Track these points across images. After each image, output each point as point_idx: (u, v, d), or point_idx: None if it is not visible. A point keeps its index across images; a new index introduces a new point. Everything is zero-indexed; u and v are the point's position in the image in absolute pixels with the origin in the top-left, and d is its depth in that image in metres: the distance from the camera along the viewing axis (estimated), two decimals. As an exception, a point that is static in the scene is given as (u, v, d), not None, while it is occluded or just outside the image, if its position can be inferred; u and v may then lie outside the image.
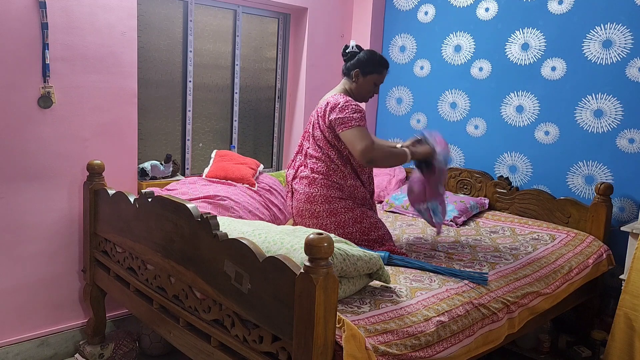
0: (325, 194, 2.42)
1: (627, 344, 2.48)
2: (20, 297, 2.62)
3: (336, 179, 2.44)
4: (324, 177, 2.44)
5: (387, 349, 1.64)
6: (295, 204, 2.52)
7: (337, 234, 2.42)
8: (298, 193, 2.49)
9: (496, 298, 2.09)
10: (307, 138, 2.54)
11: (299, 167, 2.54)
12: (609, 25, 2.92)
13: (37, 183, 2.59)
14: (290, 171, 2.59)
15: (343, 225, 2.43)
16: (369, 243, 2.46)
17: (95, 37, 2.66)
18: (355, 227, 2.43)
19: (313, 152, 2.48)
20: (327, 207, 2.42)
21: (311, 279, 1.43)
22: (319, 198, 2.43)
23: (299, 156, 2.57)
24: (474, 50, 3.45)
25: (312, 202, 2.44)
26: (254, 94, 3.73)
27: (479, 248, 2.67)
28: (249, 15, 3.58)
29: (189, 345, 1.98)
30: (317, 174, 2.44)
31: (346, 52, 2.52)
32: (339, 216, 2.43)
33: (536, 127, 3.22)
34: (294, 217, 2.58)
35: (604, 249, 2.80)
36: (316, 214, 2.43)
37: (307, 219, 2.47)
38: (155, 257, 2.13)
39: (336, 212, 2.42)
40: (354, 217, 2.44)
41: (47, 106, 2.55)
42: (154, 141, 3.24)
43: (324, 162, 2.44)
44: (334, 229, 2.42)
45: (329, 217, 2.42)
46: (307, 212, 2.46)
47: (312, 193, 2.44)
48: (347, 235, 2.43)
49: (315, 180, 2.44)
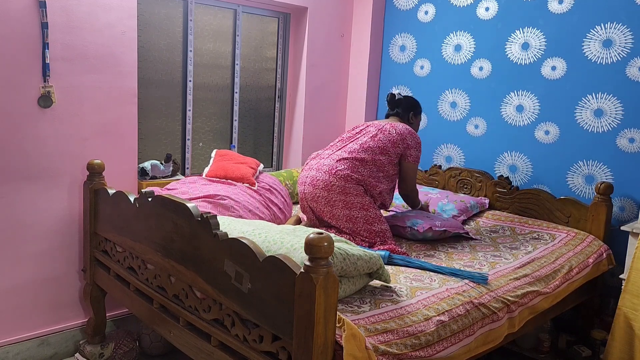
0: (359, 201, 2.59)
1: (627, 343, 2.48)
2: (20, 297, 2.62)
3: (371, 192, 2.65)
4: (358, 184, 2.61)
5: (387, 349, 1.64)
6: (315, 175, 2.64)
7: (343, 214, 2.54)
8: (320, 180, 2.62)
9: (496, 297, 2.09)
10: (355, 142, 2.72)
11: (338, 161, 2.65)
12: (609, 25, 2.91)
13: (37, 183, 2.59)
14: (324, 161, 2.69)
15: (350, 206, 2.56)
16: (370, 235, 2.54)
17: (95, 36, 2.66)
18: (361, 213, 2.57)
19: (364, 155, 2.64)
20: (341, 183, 2.57)
21: (311, 278, 1.43)
22: (352, 190, 2.59)
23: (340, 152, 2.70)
24: (474, 50, 3.45)
25: (331, 175, 2.60)
26: (254, 93, 3.73)
27: (479, 247, 2.67)
28: (249, 14, 3.58)
29: (189, 344, 1.99)
30: (352, 176, 2.59)
31: (395, 100, 2.92)
32: (349, 197, 2.57)
33: (536, 126, 3.22)
34: (305, 189, 2.67)
35: (604, 248, 2.80)
36: (329, 187, 2.58)
37: (319, 189, 2.61)
38: (156, 257, 2.13)
39: (347, 192, 2.57)
40: (362, 203, 2.58)
41: (47, 106, 2.55)
42: (154, 141, 3.24)
43: (368, 171, 2.63)
44: (341, 207, 2.57)
45: (339, 194, 2.57)
46: (321, 183, 2.60)
47: (343, 186, 2.59)
48: (352, 219, 2.55)
49: (349, 179, 2.59)
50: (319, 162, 2.71)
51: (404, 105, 2.91)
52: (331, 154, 2.71)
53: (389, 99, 2.94)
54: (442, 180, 3.56)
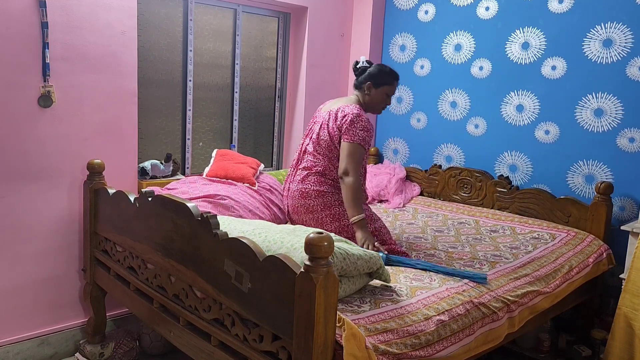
0: (318, 190, 2.48)
1: (627, 343, 2.48)
2: (20, 297, 2.62)
3: (331, 176, 2.50)
4: (318, 174, 2.50)
5: (387, 348, 1.64)
6: (290, 202, 2.57)
7: (334, 227, 2.47)
8: (291, 191, 2.55)
9: (496, 297, 2.09)
10: (310, 137, 2.59)
11: (297, 166, 2.59)
12: (609, 25, 2.91)
13: (37, 182, 2.59)
14: (290, 170, 2.64)
15: (339, 218, 2.47)
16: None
17: (95, 36, 2.66)
18: (335, 223, 2.48)
19: (312, 150, 2.53)
20: (320, 200, 2.48)
21: (311, 278, 1.43)
22: (312, 193, 2.49)
23: (301, 156, 2.61)
24: (474, 50, 3.45)
25: (305, 197, 2.49)
26: (254, 93, 3.73)
27: (479, 247, 2.67)
28: (249, 14, 3.58)
29: (189, 344, 1.99)
30: (311, 171, 2.50)
31: (357, 68, 2.60)
32: (334, 209, 2.48)
33: (536, 126, 3.22)
34: (291, 215, 2.62)
35: (604, 248, 2.80)
36: (311, 209, 2.49)
37: (303, 214, 2.51)
38: (156, 257, 2.13)
39: (330, 205, 2.48)
40: (334, 215, 2.48)
41: (47, 105, 2.55)
42: (154, 140, 3.24)
43: (322, 161, 2.51)
44: (330, 222, 2.47)
45: (323, 210, 2.48)
46: (302, 208, 2.51)
47: (305, 189, 2.50)
48: (344, 228, 2.47)
49: (308, 177, 2.50)
50: (289, 187, 2.57)
51: (364, 75, 2.56)
52: (294, 175, 2.56)
53: (352, 67, 2.64)
54: (442, 180, 3.56)
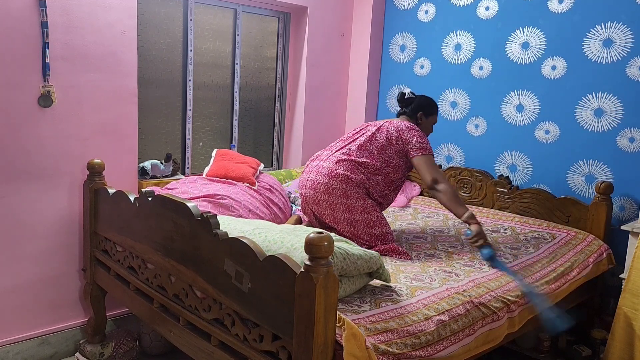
0: (347, 175, 2.54)
1: (627, 343, 2.48)
2: (20, 296, 2.62)
3: (367, 171, 2.58)
4: (356, 164, 2.57)
5: (388, 348, 1.64)
6: (313, 177, 2.61)
7: (344, 217, 2.51)
8: (320, 167, 2.60)
9: (496, 297, 2.09)
10: (362, 134, 2.68)
11: (336, 150, 2.65)
12: (609, 24, 2.91)
13: (37, 182, 2.59)
14: (321, 153, 2.71)
15: (352, 210, 2.52)
16: (371, 238, 2.51)
17: (95, 36, 2.66)
18: (363, 216, 2.52)
19: (361, 143, 2.62)
20: (344, 186, 2.53)
21: (311, 278, 1.43)
22: (340, 176, 2.54)
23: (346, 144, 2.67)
24: (474, 49, 3.45)
25: (332, 178, 2.55)
26: (254, 93, 3.73)
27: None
28: (249, 14, 3.58)
29: (189, 344, 1.99)
30: (350, 159, 2.57)
31: (405, 99, 2.81)
32: (351, 199, 2.53)
33: (536, 126, 3.22)
34: (306, 196, 2.63)
35: (604, 248, 2.79)
36: (330, 191, 2.54)
37: (320, 193, 2.56)
38: (156, 256, 2.13)
39: (350, 195, 2.53)
40: (364, 206, 2.53)
41: (47, 105, 2.55)
42: (154, 140, 3.24)
43: (365, 155, 2.59)
44: (342, 211, 2.52)
45: (341, 197, 2.53)
46: (322, 187, 2.56)
47: (335, 170, 2.55)
48: (353, 223, 2.51)
49: (345, 162, 2.57)
50: (318, 164, 2.64)
51: (413, 105, 2.78)
52: (330, 155, 2.64)
53: (399, 98, 2.83)
54: (442, 180, 3.55)
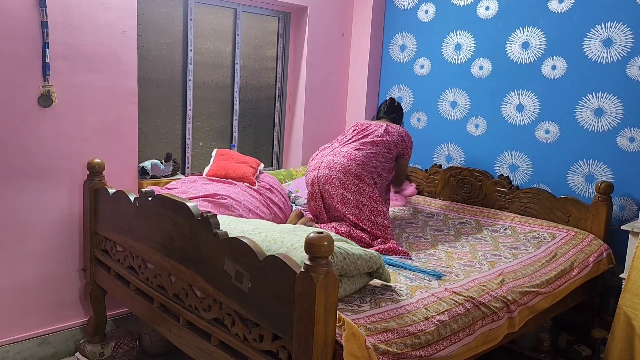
0: (366, 162, 2.72)
1: (628, 342, 2.48)
2: (20, 296, 2.62)
3: (377, 162, 2.77)
4: (373, 154, 2.76)
5: (387, 348, 1.64)
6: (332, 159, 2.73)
7: (354, 198, 2.64)
8: (342, 151, 2.75)
9: (496, 297, 2.09)
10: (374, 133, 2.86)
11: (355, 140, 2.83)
12: (609, 24, 2.91)
13: (38, 182, 2.59)
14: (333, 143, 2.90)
15: (362, 193, 2.66)
16: (372, 226, 2.61)
17: (95, 36, 2.66)
18: (370, 202, 2.65)
19: (376, 139, 2.81)
20: (360, 170, 2.68)
21: (311, 277, 1.43)
22: (361, 160, 2.71)
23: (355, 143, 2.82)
24: (474, 49, 3.45)
25: (353, 160, 2.70)
26: (254, 92, 3.73)
27: (479, 247, 2.67)
28: (249, 14, 3.58)
29: (189, 344, 1.99)
30: (370, 147, 2.78)
31: (394, 105, 3.13)
32: (362, 184, 2.67)
33: (536, 125, 3.22)
34: (319, 175, 2.73)
35: (604, 247, 2.79)
36: (346, 170, 2.67)
37: (336, 171, 2.68)
38: (156, 256, 2.13)
39: (362, 179, 2.67)
40: (373, 194, 2.68)
41: (47, 105, 2.55)
42: (154, 140, 3.24)
43: (380, 148, 2.79)
44: (354, 192, 2.65)
45: (355, 178, 2.66)
46: (338, 166, 2.69)
47: (357, 155, 2.72)
48: (360, 206, 2.63)
49: (364, 149, 2.76)
50: (334, 149, 2.81)
51: (398, 112, 3.14)
52: (347, 142, 2.84)
53: (390, 104, 3.12)
54: (442, 180, 3.56)
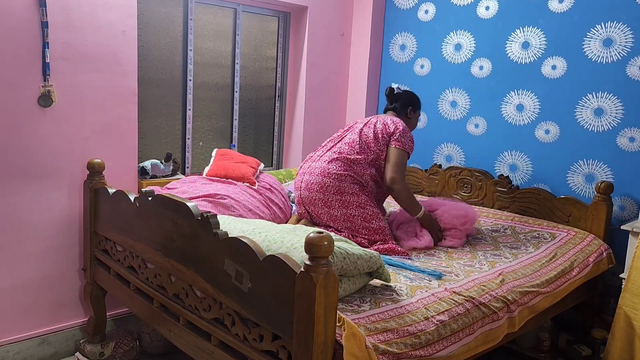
0: (338, 173, 2.60)
1: (628, 342, 2.48)
2: (20, 296, 2.62)
3: (356, 168, 2.63)
4: (347, 161, 2.62)
5: (388, 348, 1.64)
6: (307, 178, 2.67)
7: (341, 213, 2.57)
8: (312, 168, 2.67)
9: (496, 297, 2.09)
10: (351, 131, 2.75)
11: (327, 150, 2.73)
12: (609, 24, 2.91)
13: (38, 182, 2.59)
14: (313, 154, 2.78)
15: (347, 205, 2.58)
16: (369, 232, 2.56)
17: (95, 35, 2.66)
18: (359, 211, 2.57)
19: (350, 141, 2.67)
20: (337, 184, 2.58)
21: (311, 277, 1.43)
22: (332, 174, 2.60)
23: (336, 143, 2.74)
24: (474, 49, 3.45)
25: (325, 176, 2.62)
26: (254, 92, 3.73)
27: (479, 247, 2.67)
28: (249, 13, 3.58)
29: (189, 344, 1.99)
30: (341, 156, 2.63)
31: (394, 94, 2.88)
32: (345, 196, 2.58)
33: (536, 125, 3.22)
34: (302, 197, 2.68)
35: (604, 247, 2.79)
36: (325, 188, 2.59)
37: (315, 192, 2.62)
38: (156, 256, 2.13)
39: (343, 191, 2.58)
40: (359, 201, 2.59)
41: (47, 105, 2.55)
42: (154, 140, 3.24)
43: (356, 151, 2.63)
44: (338, 207, 2.58)
45: (335, 194, 2.58)
46: (316, 186, 2.62)
47: (328, 169, 2.61)
48: (350, 218, 2.57)
49: (337, 160, 2.63)
50: (310, 165, 2.71)
51: (402, 100, 2.86)
52: (322, 156, 2.71)
53: (387, 93, 2.89)
54: (442, 180, 3.55)
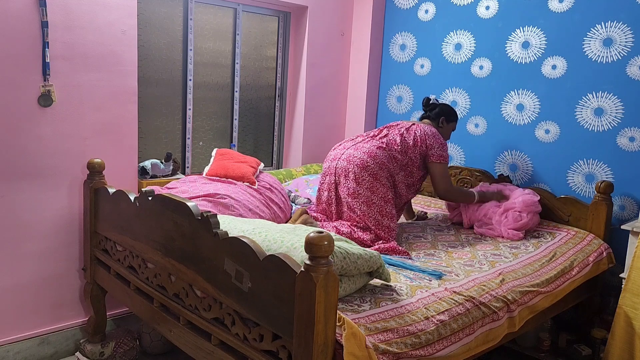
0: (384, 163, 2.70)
1: (627, 342, 2.48)
2: (20, 296, 2.62)
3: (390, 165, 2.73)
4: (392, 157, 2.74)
5: (388, 347, 1.64)
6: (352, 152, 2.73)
7: (366, 194, 2.63)
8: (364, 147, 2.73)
9: (496, 297, 2.09)
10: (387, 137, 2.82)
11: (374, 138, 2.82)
12: (609, 24, 2.91)
13: (38, 182, 2.59)
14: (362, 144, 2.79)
15: (374, 191, 2.64)
16: (377, 225, 2.60)
17: (96, 35, 2.66)
18: (381, 202, 2.64)
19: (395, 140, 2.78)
20: (376, 169, 2.66)
21: (311, 277, 1.43)
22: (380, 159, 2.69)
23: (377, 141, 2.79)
24: (474, 49, 3.45)
25: (374, 158, 2.69)
26: (254, 92, 3.73)
27: (479, 246, 2.67)
28: (249, 13, 3.58)
29: (189, 343, 1.99)
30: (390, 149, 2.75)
31: (430, 103, 3.02)
32: (377, 183, 2.65)
33: (536, 125, 3.22)
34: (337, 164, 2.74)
35: (604, 247, 2.79)
36: (364, 166, 2.66)
37: (354, 165, 2.67)
38: (156, 256, 2.13)
39: (378, 178, 2.66)
40: (386, 195, 2.66)
41: (47, 105, 2.55)
42: (154, 140, 3.24)
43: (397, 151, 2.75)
44: (366, 188, 2.63)
45: (370, 176, 2.65)
46: (358, 160, 2.67)
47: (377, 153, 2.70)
48: (370, 203, 2.62)
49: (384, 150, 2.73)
50: (356, 144, 2.78)
51: (436, 111, 2.99)
52: (369, 140, 2.80)
53: (424, 103, 3.04)
54: (443, 179, 3.55)
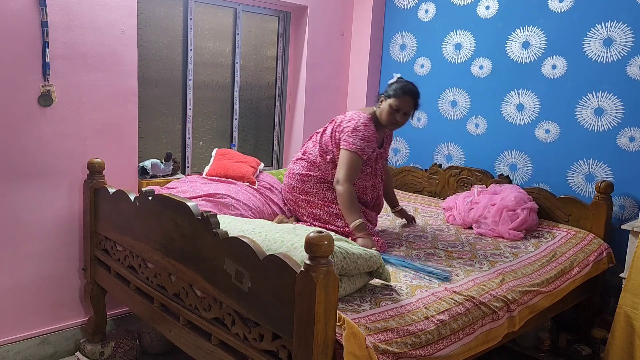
0: (301, 173, 2.69)
1: (628, 342, 2.48)
2: (20, 296, 2.62)
3: (319, 168, 2.67)
4: (309, 162, 2.69)
5: (388, 347, 1.64)
6: (284, 180, 2.82)
7: (308, 212, 2.64)
8: (285, 177, 2.81)
9: (496, 296, 2.09)
10: (320, 133, 2.74)
11: (294, 162, 2.81)
12: (609, 24, 2.91)
13: (38, 181, 2.59)
14: (289, 165, 2.85)
15: (312, 205, 2.63)
16: (330, 216, 2.59)
17: (96, 35, 2.66)
18: (323, 210, 2.61)
19: (315, 141, 2.71)
20: (301, 184, 2.68)
21: (311, 277, 1.43)
22: (295, 175, 2.71)
23: (298, 153, 2.83)
24: (474, 49, 3.45)
25: (290, 178, 2.74)
26: (254, 92, 3.73)
27: (479, 246, 2.66)
28: (249, 13, 3.58)
29: (189, 343, 1.99)
30: (304, 157, 2.71)
31: (388, 83, 2.69)
32: (310, 196, 2.65)
33: (537, 125, 3.22)
34: (284, 198, 2.83)
35: (604, 247, 2.80)
36: (291, 190, 2.72)
37: (285, 193, 2.76)
38: (156, 256, 2.13)
39: (307, 191, 2.66)
40: (324, 200, 2.63)
41: (47, 105, 2.55)
42: (154, 139, 3.24)
43: (317, 152, 2.67)
44: (305, 207, 2.65)
45: (300, 194, 2.67)
46: (286, 187, 2.75)
47: (292, 170, 2.75)
48: (317, 217, 2.62)
49: (300, 161, 2.72)
50: (288, 167, 2.83)
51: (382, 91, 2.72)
52: (293, 158, 2.82)
53: None
54: (442, 179, 3.56)
